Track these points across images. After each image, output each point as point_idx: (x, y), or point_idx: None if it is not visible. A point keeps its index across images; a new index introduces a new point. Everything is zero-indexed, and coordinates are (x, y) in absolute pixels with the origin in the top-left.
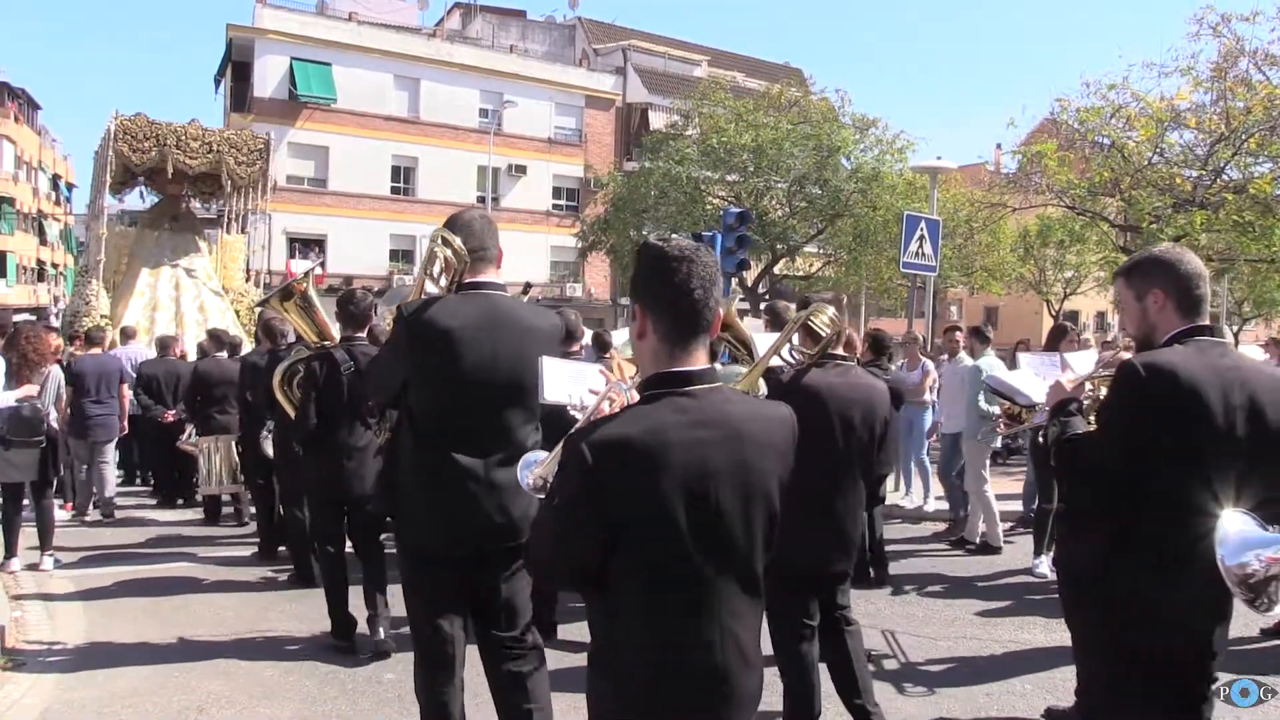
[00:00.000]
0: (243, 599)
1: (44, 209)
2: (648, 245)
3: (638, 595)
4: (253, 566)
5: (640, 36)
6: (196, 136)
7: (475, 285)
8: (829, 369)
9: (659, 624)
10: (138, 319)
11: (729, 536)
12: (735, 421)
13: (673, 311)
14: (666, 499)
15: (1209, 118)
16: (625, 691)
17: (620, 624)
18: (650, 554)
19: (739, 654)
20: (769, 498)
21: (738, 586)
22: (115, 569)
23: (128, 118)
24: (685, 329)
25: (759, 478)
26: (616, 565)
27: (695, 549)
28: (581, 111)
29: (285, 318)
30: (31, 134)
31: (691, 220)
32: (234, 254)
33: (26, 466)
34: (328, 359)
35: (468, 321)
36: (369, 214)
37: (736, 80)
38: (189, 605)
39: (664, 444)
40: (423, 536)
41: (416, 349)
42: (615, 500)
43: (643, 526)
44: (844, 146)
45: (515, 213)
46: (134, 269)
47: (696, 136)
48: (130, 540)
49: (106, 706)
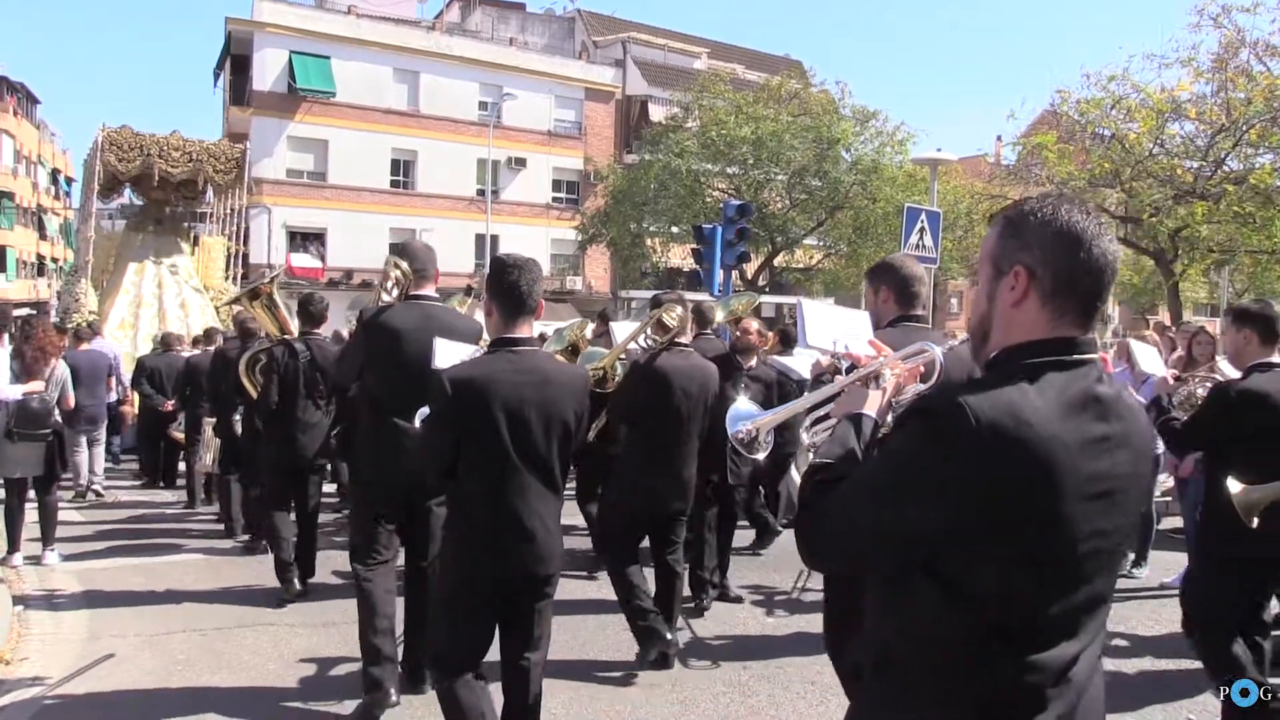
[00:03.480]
0: (246, 594)
1: (44, 203)
2: (495, 258)
3: (476, 483)
4: (253, 556)
5: (640, 29)
6: (178, 147)
7: (417, 297)
8: (674, 353)
9: (490, 501)
10: (123, 315)
11: (535, 445)
12: (544, 371)
13: (507, 300)
14: (495, 417)
15: (1209, 109)
16: (469, 543)
17: (465, 501)
18: (484, 454)
19: (542, 523)
20: (565, 424)
21: (540, 480)
22: (117, 561)
23: (114, 129)
24: (514, 311)
25: (557, 409)
26: (463, 462)
27: (513, 451)
28: (581, 104)
29: (253, 314)
30: (31, 128)
31: (691, 213)
32: (214, 254)
33: (32, 460)
34: (288, 349)
35: (410, 324)
36: (369, 207)
37: (736, 72)
38: (191, 599)
39: (495, 381)
40: (369, 475)
41: (372, 343)
42: (463, 417)
43: (479, 435)
44: (844, 139)
45: (515, 206)
46: (120, 268)
47: (696, 129)
48: (128, 529)
49: (109, 701)
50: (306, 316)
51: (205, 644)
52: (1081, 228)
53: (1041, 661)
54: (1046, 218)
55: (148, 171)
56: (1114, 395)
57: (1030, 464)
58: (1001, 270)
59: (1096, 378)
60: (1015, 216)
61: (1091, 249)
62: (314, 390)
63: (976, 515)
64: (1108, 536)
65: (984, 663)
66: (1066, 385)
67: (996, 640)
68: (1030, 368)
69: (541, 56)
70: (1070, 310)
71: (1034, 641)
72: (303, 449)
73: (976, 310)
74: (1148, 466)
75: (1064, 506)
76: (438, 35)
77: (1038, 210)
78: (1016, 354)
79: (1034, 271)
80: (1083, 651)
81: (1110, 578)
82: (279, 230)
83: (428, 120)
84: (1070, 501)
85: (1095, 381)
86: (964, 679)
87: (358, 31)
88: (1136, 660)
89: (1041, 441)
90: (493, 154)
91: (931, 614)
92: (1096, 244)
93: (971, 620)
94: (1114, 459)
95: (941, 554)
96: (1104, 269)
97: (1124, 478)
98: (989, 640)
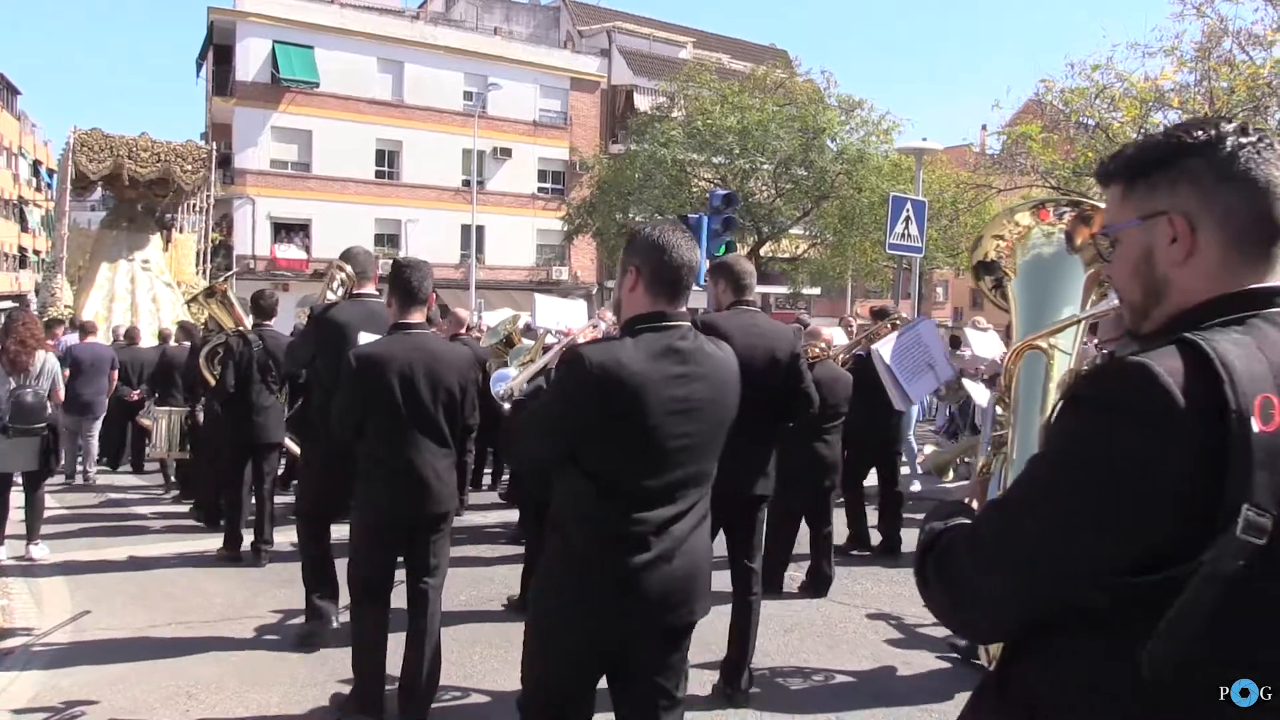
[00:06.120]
0: (230, 584)
1: (25, 195)
2: (395, 261)
3: (378, 443)
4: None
5: (625, 18)
6: (146, 148)
7: (360, 295)
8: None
9: (388, 455)
10: (98, 309)
11: (425, 409)
12: (433, 349)
13: (402, 294)
14: (391, 386)
15: (1193, 98)
16: (369, 493)
17: (370, 457)
18: (383, 416)
19: (435, 474)
20: (450, 391)
21: (431, 439)
22: (101, 554)
23: (85, 131)
24: (408, 303)
25: (443, 379)
26: (368, 424)
27: (406, 414)
28: (566, 94)
29: (210, 310)
30: (11, 119)
31: (677, 203)
32: (185, 250)
33: (26, 455)
34: (242, 339)
35: (352, 318)
36: (353, 198)
37: (722, 62)
38: (176, 590)
39: (391, 357)
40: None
41: (320, 335)
42: (367, 386)
43: (380, 400)
44: (829, 128)
45: (500, 196)
46: (95, 264)
47: (682, 119)
48: (110, 520)
49: (95, 693)
50: (258, 310)
51: (193, 633)
52: (665, 241)
53: (645, 517)
54: (646, 234)
55: (117, 172)
56: (693, 347)
57: (627, 390)
58: (625, 270)
59: (680, 336)
60: (630, 235)
61: (672, 255)
62: (267, 376)
63: (597, 421)
64: (692, 437)
65: (606, 516)
66: (655, 341)
67: (611, 501)
68: (636, 330)
69: (526, 46)
70: (663, 294)
71: (639, 504)
72: (258, 429)
73: (614, 295)
74: (724, 391)
75: (651, 418)
76: (422, 25)
77: (642, 230)
78: (632, 322)
79: (641, 270)
80: (683, 513)
81: (703, 464)
82: (263, 221)
83: (412, 110)
84: (656, 415)
85: (678, 338)
86: (595, 526)
87: (341, 21)
88: None
89: (633, 376)
90: (478, 144)
91: (571, 487)
92: (675, 252)
93: (597, 489)
94: (691, 388)
95: (578, 449)
96: (680, 266)
97: (701, 400)
98: (604, 501)
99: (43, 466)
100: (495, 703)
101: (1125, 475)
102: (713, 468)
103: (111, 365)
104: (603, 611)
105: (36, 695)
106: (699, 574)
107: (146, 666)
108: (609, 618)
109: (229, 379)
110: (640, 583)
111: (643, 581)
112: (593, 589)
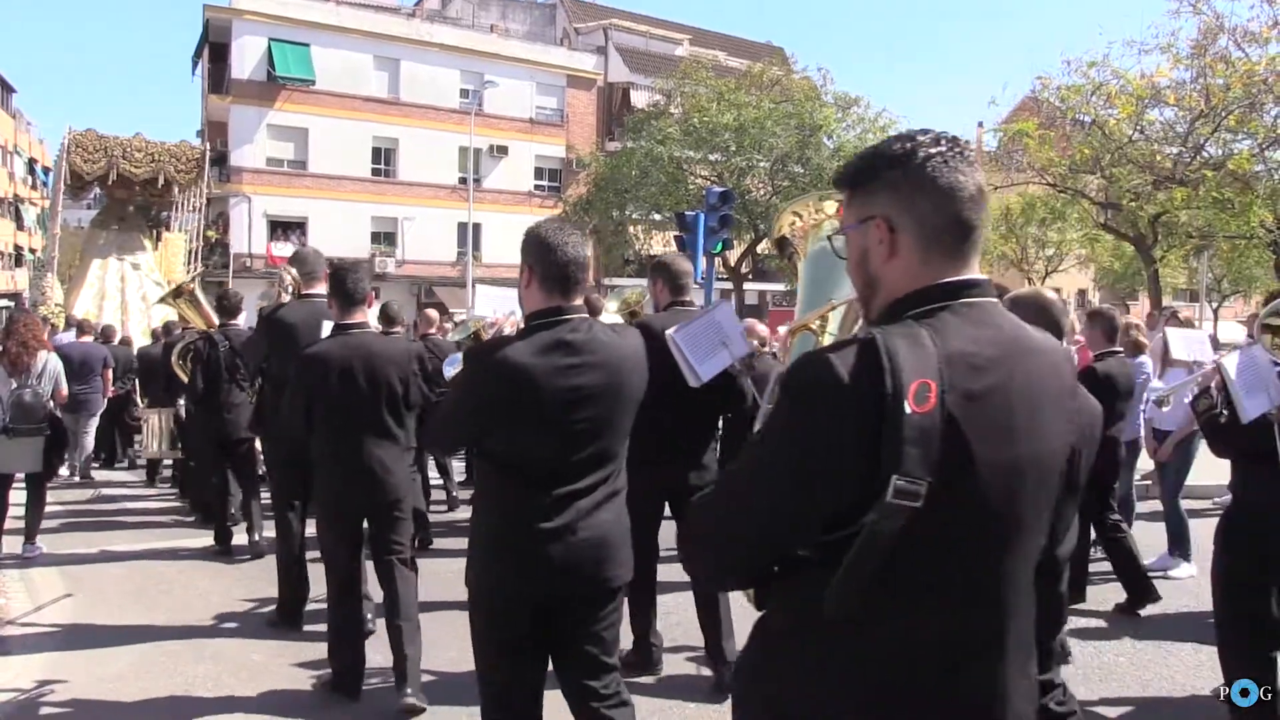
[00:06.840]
0: (227, 581)
1: (20, 194)
2: (335, 266)
3: (326, 439)
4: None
5: (621, 15)
6: (140, 148)
7: (309, 296)
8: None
9: (338, 450)
10: (88, 308)
11: (366, 402)
12: (369, 345)
13: (341, 295)
14: (335, 383)
15: (1189, 95)
16: (322, 485)
17: (320, 453)
18: (328, 411)
19: (381, 465)
20: (390, 385)
21: (374, 432)
22: (98, 551)
23: (79, 132)
24: (348, 305)
25: (382, 374)
26: (315, 419)
27: (350, 408)
28: (563, 91)
29: (178, 309)
30: (7, 118)
31: (674, 200)
32: (175, 249)
33: (29, 456)
34: (209, 340)
35: (301, 318)
36: (350, 196)
37: (718, 59)
38: (173, 588)
39: (331, 355)
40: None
41: (272, 334)
42: (311, 385)
43: (324, 396)
44: (826, 125)
45: (497, 194)
46: (86, 263)
47: (678, 116)
48: (105, 516)
49: (93, 691)
50: (223, 310)
51: (190, 631)
52: (554, 240)
53: (548, 494)
54: (535, 233)
55: (111, 172)
56: (585, 337)
57: (518, 382)
58: (521, 269)
59: (571, 328)
60: (525, 235)
61: (560, 252)
62: (235, 374)
63: (502, 409)
64: (591, 421)
65: (514, 495)
66: (545, 336)
67: (518, 480)
68: (531, 327)
69: (523, 43)
70: (555, 289)
71: (542, 482)
72: (230, 425)
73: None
74: (620, 376)
75: (544, 408)
76: (418, 22)
77: (534, 230)
78: (529, 319)
79: (534, 269)
80: (589, 489)
81: (606, 444)
82: (259, 219)
83: (409, 108)
84: (549, 404)
85: (569, 331)
86: (503, 505)
87: (337, 18)
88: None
89: (521, 370)
90: (474, 142)
91: (483, 469)
92: (563, 249)
93: (504, 470)
94: (584, 377)
95: (483, 437)
96: (568, 263)
97: (595, 387)
98: (513, 480)
99: (47, 466)
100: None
101: (810, 450)
102: (619, 446)
103: (105, 364)
104: (516, 580)
105: (33, 694)
106: (608, 544)
107: (144, 665)
108: (522, 586)
109: (198, 379)
110: (547, 553)
111: (549, 551)
112: (505, 561)
